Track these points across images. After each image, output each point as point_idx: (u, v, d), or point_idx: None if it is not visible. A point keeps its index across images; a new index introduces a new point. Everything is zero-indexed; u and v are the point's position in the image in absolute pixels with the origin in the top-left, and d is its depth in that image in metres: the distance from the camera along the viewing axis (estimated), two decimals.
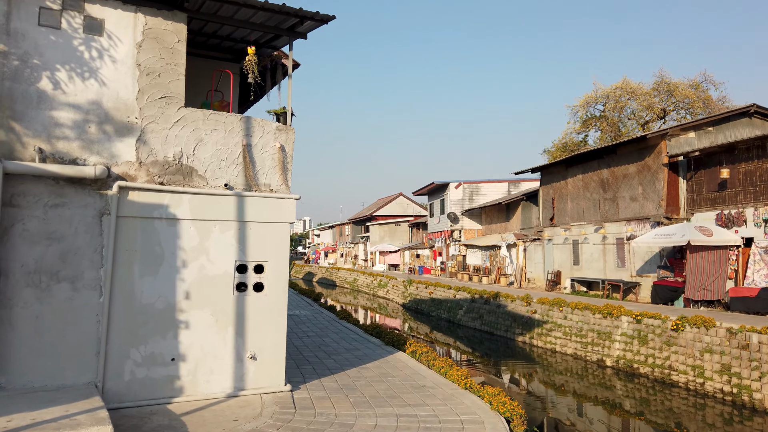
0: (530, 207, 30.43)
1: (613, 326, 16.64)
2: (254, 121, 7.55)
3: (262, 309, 7.43)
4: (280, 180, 7.65)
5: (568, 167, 25.82)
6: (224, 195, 7.26)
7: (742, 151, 17.43)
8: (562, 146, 40.57)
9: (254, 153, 7.52)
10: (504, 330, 21.66)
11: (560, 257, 26.16)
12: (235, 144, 7.42)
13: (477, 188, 37.15)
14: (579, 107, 39.35)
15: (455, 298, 27.09)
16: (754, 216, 16.90)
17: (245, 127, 7.45)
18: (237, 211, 7.29)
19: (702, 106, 34.75)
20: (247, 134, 7.47)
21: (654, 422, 12.00)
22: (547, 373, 16.76)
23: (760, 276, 16.42)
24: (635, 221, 21.28)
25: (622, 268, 22.06)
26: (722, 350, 13.16)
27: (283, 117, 7.76)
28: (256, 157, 7.53)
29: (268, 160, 7.60)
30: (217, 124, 7.34)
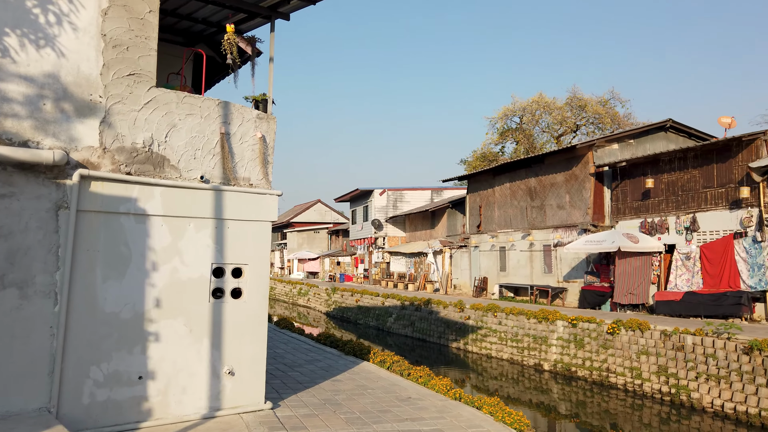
0: (456, 214, 30.84)
1: (549, 331, 16.99)
2: (233, 107, 6.75)
3: (240, 317, 6.61)
4: (261, 173, 6.89)
5: (496, 175, 26.41)
6: (200, 189, 6.40)
7: (665, 163, 18.55)
8: (481, 156, 41.69)
9: (233, 143, 6.72)
10: (437, 336, 21.60)
11: (487, 264, 26.64)
12: (212, 132, 6.58)
13: (401, 195, 37.22)
14: (497, 119, 40.67)
15: (384, 305, 26.78)
16: (676, 224, 17.99)
17: (223, 114, 6.64)
18: (214, 207, 6.46)
19: (610, 121, 37.07)
20: (226, 121, 6.66)
21: (590, 424, 12.26)
22: (482, 379, 16.82)
23: (682, 281, 17.47)
24: (562, 228, 22.06)
25: (549, 274, 22.77)
26: (658, 352, 13.73)
27: (264, 104, 7.02)
28: (235, 147, 6.74)
29: (247, 151, 6.83)
30: (193, 108, 6.47)
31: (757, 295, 15.33)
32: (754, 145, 16.03)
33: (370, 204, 37.78)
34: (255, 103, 7.04)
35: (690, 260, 17.31)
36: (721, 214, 16.68)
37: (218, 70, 9.98)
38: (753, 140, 16.05)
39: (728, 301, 15.57)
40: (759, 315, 15.36)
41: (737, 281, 15.88)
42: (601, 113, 37.28)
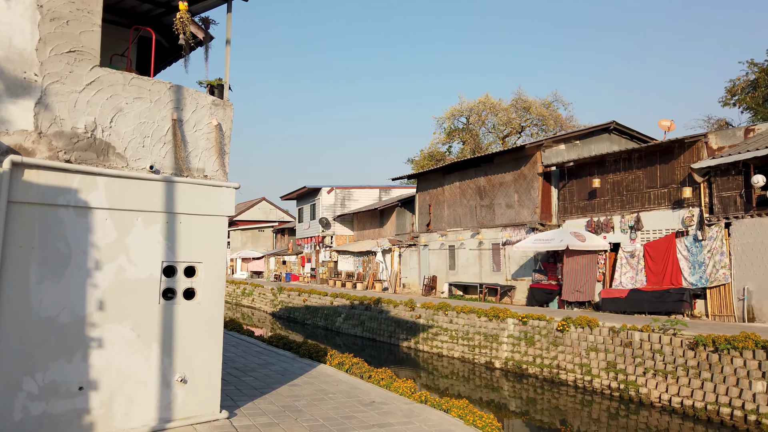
0: (405, 213, 30.74)
1: (500, 328, 17.06)
2: (187, 92, 6.20)
3: (193, 320, 6.08)
4: (217, 164, 6.37)
5: (446, 174, 26.46)
6: (149, 180, 5.83)
7: (611, 163, 19.02)
8: (428, 156, 41.84)
9: (186, 130, 6.18)
10: (388, 336, 21.37)
11: (436, 262, 26.65)
12: (162, 118, 6.02)
13: (349, 194, 36.82)
14: (445, 119, 40.92)
15: (333, 305, 26.33)
16: (621, 223, 18.47)
17: (175, 99, 6.09)
18: (165, 201, 5.90)
19: (553, 123, 37.98)
20: (178, 107, 6.11)
21: (540, 420, 12.34)
22: (433, 377, 16.72)
23: (626, 278, 17.94)
24: (511, 227, 22.29)
25: (497, 272, 22.98)
26: (607, 348, 13.97)
27: (219, 90, 6.50)
28: (188, 135, 6.19)
29: (202, 139, 6.29)
30: (141, 91, 5.89)
31: (698, 291, 15.89)
32: (695, 147, 16.62)
33: (318, 202, 37.19)
34: (210, 89, 6.52)
35: (634, 258, 17.79)
36: (664, 214, 17.22)
37: (166, 55, 9.31)
38: (694, 142, 16.64)
39: (671, 298, 16.08)
40: (699, 311, 15.93)
41: (679, 279, 16.43)
42: (545, 115, 38.15)
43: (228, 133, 6.49)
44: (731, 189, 15.35)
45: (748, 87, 27.90)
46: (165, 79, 6.28)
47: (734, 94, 28.50)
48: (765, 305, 14.48)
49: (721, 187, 15.58)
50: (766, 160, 14.45)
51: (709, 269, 15.65)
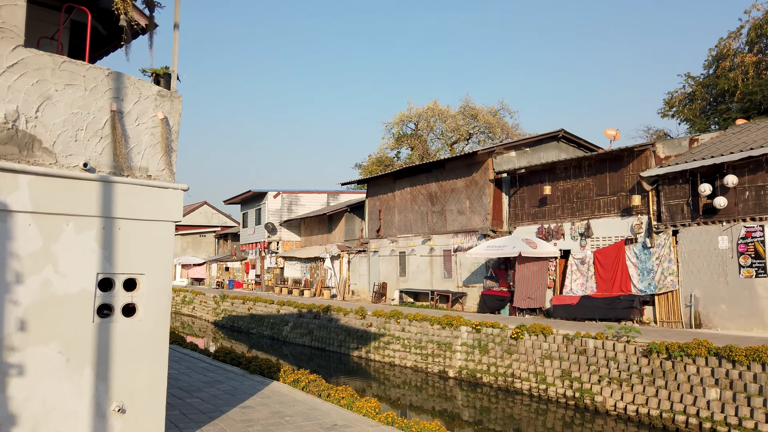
0: (354, 219, 30.20)
1: (453, 336, 16.77)
2: (128, 80, 5.45)
3: (134, 340, 5.32)
4: (163, 163, 5.65)
5: (396, 180, 26.11)
6: (83, 179, 5.05)
7: (561, 171, 19.15)
8: (377, 161, 41.49)
9: (127, 124, 5.43)
10: (337, 345, 20.74)
11: (386, 269, 26.23)
12: (99, 108, 5.25)
13: (296, 198, 35.93)
14: (393, 124, 40.71)
15: (279, 313, 25.44)
16: (571, 230, 18.60)
17: (115, 87, 5.34)
18: (101, 203, 5.14)
19: (500, 131, 38.42)
20: (118, 97, 5.36)
21: (494, 430, 12.09)
22: (384, 388, 16.26)
23: (577, 285, 18.04)
24: (462, 234, 22.14)
25: (449, 279, 22.77)
26: (561, 356, 13.88)
27: (166, 79, 5.78)
28: (130, 129, 5.45)
29: (146, 135, 5.56)
30: (74, 77, 5.11)
31: (647, 298, 16.12)
32: (644, 156, 16.91)
33: (264, 207, 36.09)
34: (155, 78, 5.79)
35: (584, 265, 17.93)
36: (614, 221, 17.44)
37: (103, 42, 8.44)
38: (643, 151, 16.93)
39: (621, 305, 16.24)
40: (648, 317, 16.16)
41: (628, 285, 16.63)
42: (491, 123, 38.55)
43: (176, 128, 5.78)
44: (678, 197, 15.66)
45: (685, 99, 29.01)
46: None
47: (672, 106, 29.57)
48: (711, 311, 14.79)
49: (669, 195, 15.88)
50: (712, 170, 14.80)
51: (658, 276, 15.89)
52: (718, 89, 26.48)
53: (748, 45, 26.19)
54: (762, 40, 25.65)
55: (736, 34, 26.46)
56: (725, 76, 25.79)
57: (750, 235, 14.12)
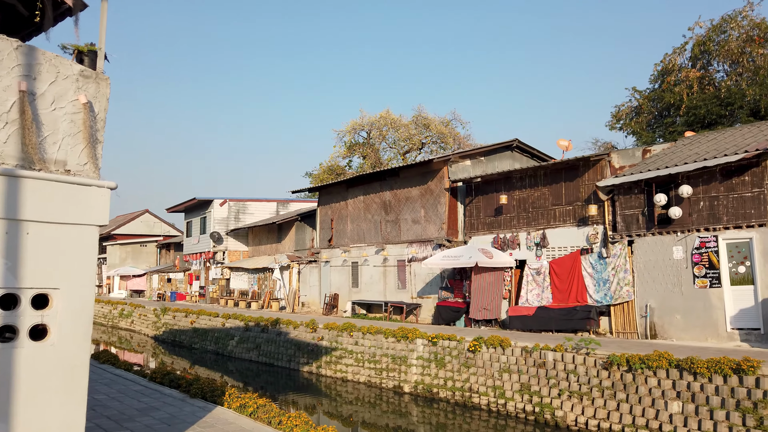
0: (305, 228, 29.28)
1: (408, 350, 16.17)
2: (43, 56, 4.56)
3: (45, 368, 4.39)
4: (85, 156, 4.77)
5: (349, 188, 25.42)
6: None
7: (517, 180, 18.94)
8: (328, 169, 40.71)
9: (40, 107, 4.54)
10: (287, 360, 19.78)
11: (338, 279, 25.43)
12: (4, 88, 4.35)
13: (244, 206, 34.66)
14: (345, 132, 40.08)
15: (225, 326, 24.20)
16: (527, 240, 18.37)
17: (26, 63, 4.44)
18: (4, 202, 4.23)
19: (452, 141, 38.39)
20: (29, 75, 4.46)
21: None
22: (336, 404, 15.49)
23: (533, 296, 17.79)
24: (417, 243, 21.64)
25: (403, 290, 22.19)
26: (520, 369, 13.48)
27: (91, 57, 4.90)
28: (44, 114, 4.55)
29: (64, 122, 4.67)
30: None
31: (603, 309, 15.98)
32: (599, 166, 16.87)
33: (209, 215, 34.62)
34: (78, 55, 4.90)
35: (540, 275, 17.70)
36: (570, 231, 17.30)
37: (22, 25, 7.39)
38: (598, 160, 16.89)
39: (578, 316, 16.04)
40: (604, 328, 16.02)
41: (584, 296, 16.47)
42: (444, 133, 38.50)
43: (102, 115, 4.90)
44: (634, 207, 15.63)
45: (632, 112, 29.66)
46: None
47: (619, 119, 30.19)
48: (666, 322, 14.75)
49: (624, 205, 15.85)
50: (667, 180, 14.83)
51: (614, 286, 15.79)
52: (663, 103, 27.17)
53: (691, 61, 27.03)
54: (705, 56, 26.51)
55: (681, 49, 27.28)
56: (671, 91, 26.49)
57: (704, 246, 14.17)
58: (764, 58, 23.80)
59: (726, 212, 13.85)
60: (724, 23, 25.69)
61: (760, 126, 16.20)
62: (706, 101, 24.61)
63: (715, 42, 25.84)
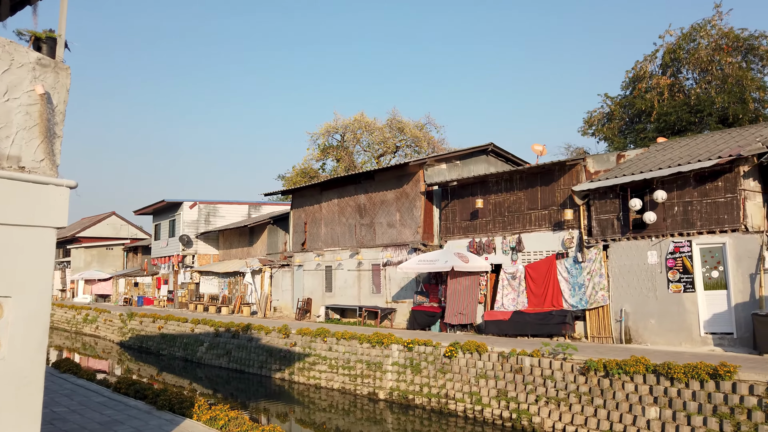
0: (277, 231, 28.78)
1: (384, 356, 15.90)
2: None
3: None
4: (42, 152, 4.37)
5: (323, 191, 25.06)
6: None
7: (493, 184, 18.86)
8: (301, 172, 40.23)
9: None
10: (258, 367, 19.30)
11: (312, 284, 25.02)
12: None
13: (215, 209, 33.95)
14: (319, 135, 39.66)
15: (194, 332, 23.55)
16: (503, 244, 18.29)
17: None
18: None
19: (426, 145, 38.32)
20: None
21: None
22: (308, 412, 15.14)
23: (508, 300, 17.70)
24: (392, 247, 21.40)
25: (377, 294, 21.92)
26: (497, 375, 13.34)
27: (50, 45, 4.50)
28: None
29: (18, 114, 4.27)
30: None
31: (578, 313, 15.97)
32: (575, 170, 16.89)
33: (179, 218, 33.80)
34: (35, 42, 4.50)
35: (516, 280, 17.63)
36: (545, 235, 17.27)
37: None
38: (574, 165, 16.91)
39: (553, 320, 15.99)
40: (579, 333, 16.00)
41: (560, 300, 16.43)
42: (418, 137, 38.42)
43: (61, 108, 4.51)
44: (609, 212, 15.67)
45: (603, 118, 30.01)
46: None
47: (592, 124, 30.51)
48: (641, 326, 14.79)
49: (600, 209, 15.87)
50: (641, 185, 14.89)
51: (589, 291, 15.79)
52: (635, 109, 27.54)
53: (662, 68, 27.46)
54: (675, 64, 26.97)
55: (652, 57, 27.70)
56: (642, 98, 26.85)
57: (678, 251, 14.25)
58: (732, 66, 24.32)
59: (700, 217, 13.96)
60: (694, 32, 26.20)
61: (731, 132, 16.44)
62: (677, 108, 25.01)
63: (685, 50, 26.31)
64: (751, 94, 24.08)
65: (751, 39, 24.85)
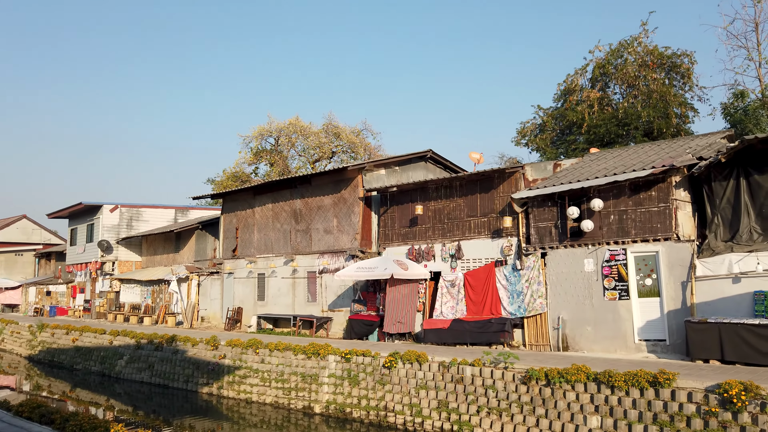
0: (206, 237, 27.43)
1: (320, 367, 15.25)
2: None
3: None
4: None
5: (257, 195, 24.07)
6: None
7: (433, 191, 18.65)
8: (232, 176, 38.79)
9: None
10: (184, 381, 18.13)
11: (243, 292, 23.92)
12: None
13: (138, 213, 32.04)
14: (252, 138, 38.42)
15: (112, 344, 21.93)
16: (442, 251, 18.07)
17: None
18: None
19: (363, 151, 37.95)
20: None
21: None
22: (237, 428, 14.32)
23: (447, 308, 17.47)
24: (329, 254, 20.75)
25: (313, 303, 21.18)
26: (437, 385, 13.02)
27: None
28: None
29: None
30: None
31: (517, 321, 15.92)
32: (514, 178, 16.92)
33: (98, 222, 31.62)
34: None
35: (455, 287, 17.44)
36: (484, 243, 17.19)
37: None
38: (513, 173, 16.95)
39: (492, 328, 15.87)
40: (517, 341, 15.95)
41: (498, 308, 16.36)
42: (355, 143, 37.98)
43: None
44: (547, 220, 15.75)
45: (536, 129, 30.69)
46: None
47: (524, 135, 31.13)
48: (578, 334, 14.90)
49: (538, 217, 15.94)
50: (579, 193, 15.05)
51: (527, 298, 15.79)
52: (566, 121, 28.31)
53: (591, 82, 28.41)
54: (604, 78, 27.96)
55: (582, 71, 28.61)
56: (573, 110, 27.63)
57: (614, 258, 14.47)
58: (657, 82, 25.45)
59: (634, 226, 14.24)
60: (622, 48, 27.28)
61: (661, 144, 17.00)
62: (606, 121, 25.87)
63: (614, 65, 27.33)
64: (673, 110, 25.28)
65: (674, 57, 26.14)
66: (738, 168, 13.08)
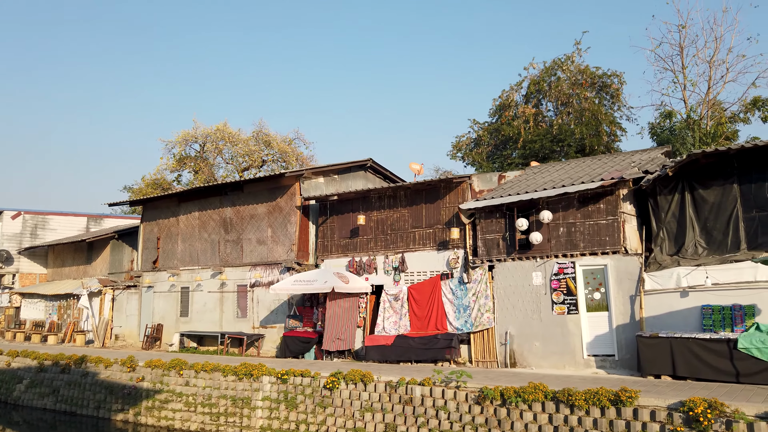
0: (123, 247, 25.19)
1: (253, 389, 13.95)
2: None
3: None
4: None
5: (182, 203, 22.31)
6: None
7: (375, 200, 17.84)
8: (152, 183, 36.29)
9: None
10: (95, 407, 16.22)
11: (164, 308, 21.99)
12: None
13: (44, 221, 29.10)
14: (175, 143, 36.19)
15: (10, 367, 19.46)
16: (385, 264, 17.26)
17: None
18: None
19: (295, 161, 36.68)
20: None
21: None
22: None
23: (390, 323, 16.63)
24: (263, 266, 19.40)
25: (243, 319, 19.69)
26: (384, 407, 12.12)
27: None
28: None
29: None
30: None
31: (464, 337, 15.32)
32: (460, 188, 16.44)
33: None
34: None
35: (398, 302, 16.65)
36: (430, 255, 16.55)
37: None
38: (460, 183, 16.46)
39: (438, 344, 15.18)
40: (464, 357, 15.34)
41: (444, 323, 15.71)
42: (287, 152, 36.67)
43: None
44: (495, 231, 15.33)
45: (471, 143, 30.74)
46: None
47: (460, 148, 31.11)
48: (526, 349, 14.48)
49: (486, 229, 15.49)
50: (527, 205, 14.73)
51: (474, 313, 15.24)
52: (501, 136, 28.48)
53: (526, 98, 28.81)
54: (538, 95, 28.42)
55: (518, 87, 28.98)
56: (509, 125, 27.85)
57: (562, 272, 14.20)
58: (589, 101, 26.10)
59: (583, 239, 14.05)
60: (555, 66, 27.86)
61: (602, 159, 17.10)
62: (541, 137, 26.20)
63: (547, 83, 27.85)
64: (604, 128, 25.99)
65: (604, 77, 26.98)
66: (683, 182, 13.17)
